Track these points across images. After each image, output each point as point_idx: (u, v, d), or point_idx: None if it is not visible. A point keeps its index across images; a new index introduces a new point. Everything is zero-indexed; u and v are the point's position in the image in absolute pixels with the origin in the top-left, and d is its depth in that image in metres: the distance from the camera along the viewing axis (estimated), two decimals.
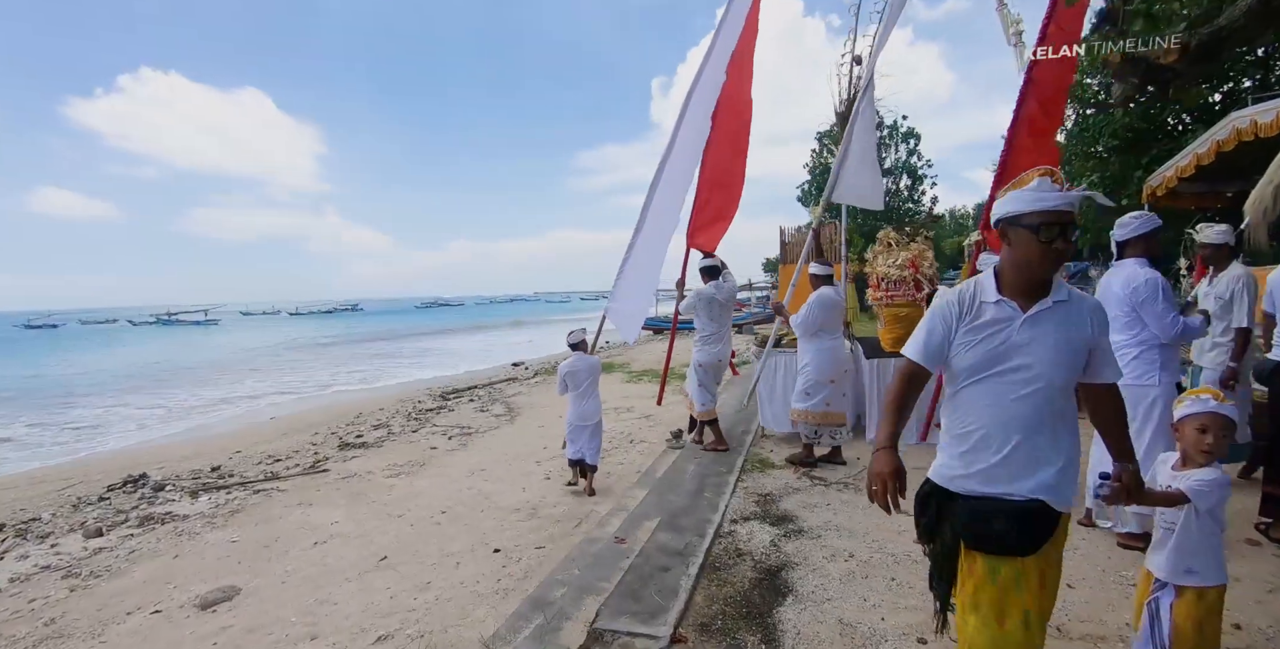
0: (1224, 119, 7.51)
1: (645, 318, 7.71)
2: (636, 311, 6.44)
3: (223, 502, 6.54)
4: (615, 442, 7.57)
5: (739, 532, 3.69)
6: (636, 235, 6.06)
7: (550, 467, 6.67)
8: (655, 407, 9.56)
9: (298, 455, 8.67)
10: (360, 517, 5.57)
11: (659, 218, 6.05)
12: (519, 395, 12.71)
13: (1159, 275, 3.30)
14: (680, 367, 14.74)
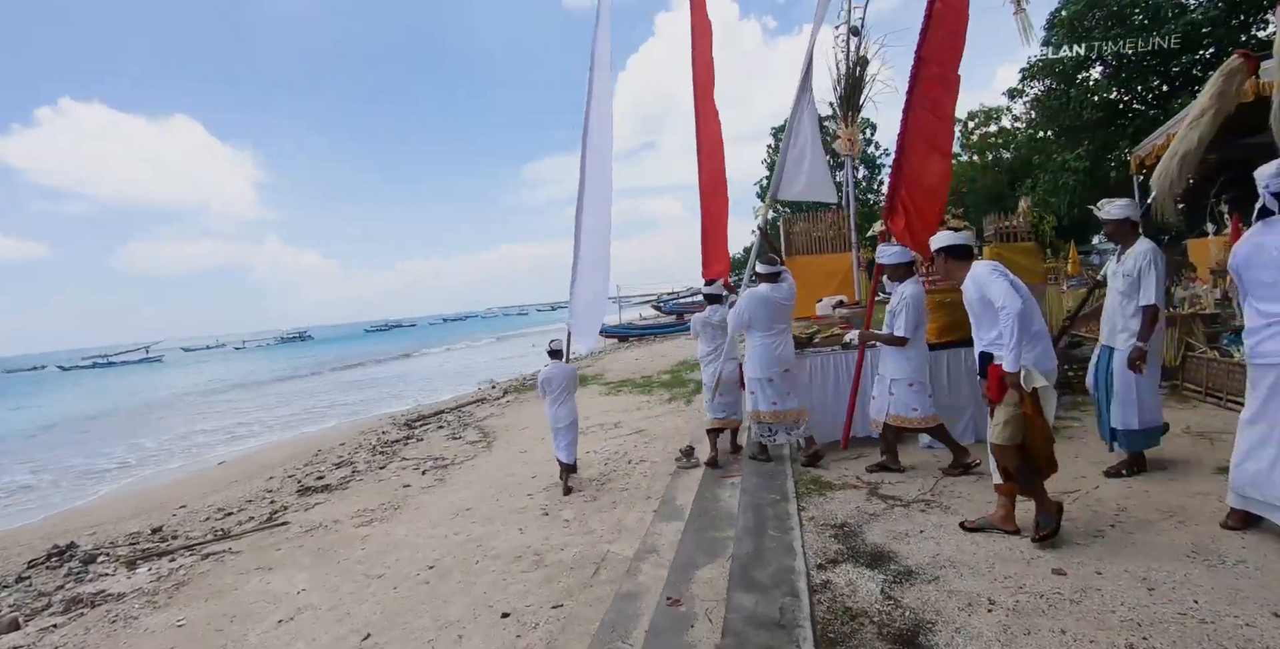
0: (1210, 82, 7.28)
1: (600, 327, 8.26)
2: (591, 322, 6.84)
3: (165, 572, 5.61)
4: (611, 463, 6.85)
5: (836, 582, 2.97)
6: (577, 247, 6.45)
7: (545, 499, 5.92)
8: (645, 421, 8.88)
9: (252, 506, 7.71)
10: (331, 580, 4.74)
11: (593, 230, 6.48)
12: (492, 418, 11.86)
13: None
14: (660, 374, 14.17)
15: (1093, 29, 12.19)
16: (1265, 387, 2.99)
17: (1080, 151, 12.98)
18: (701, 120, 6.91)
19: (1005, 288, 3.15)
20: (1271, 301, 2.95)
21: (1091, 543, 3.17)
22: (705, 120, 6.92)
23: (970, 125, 31.20)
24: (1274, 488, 2.94)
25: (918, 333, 4.56)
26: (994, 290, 3.17)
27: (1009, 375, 3.11)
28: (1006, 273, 3.28)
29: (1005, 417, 3.14)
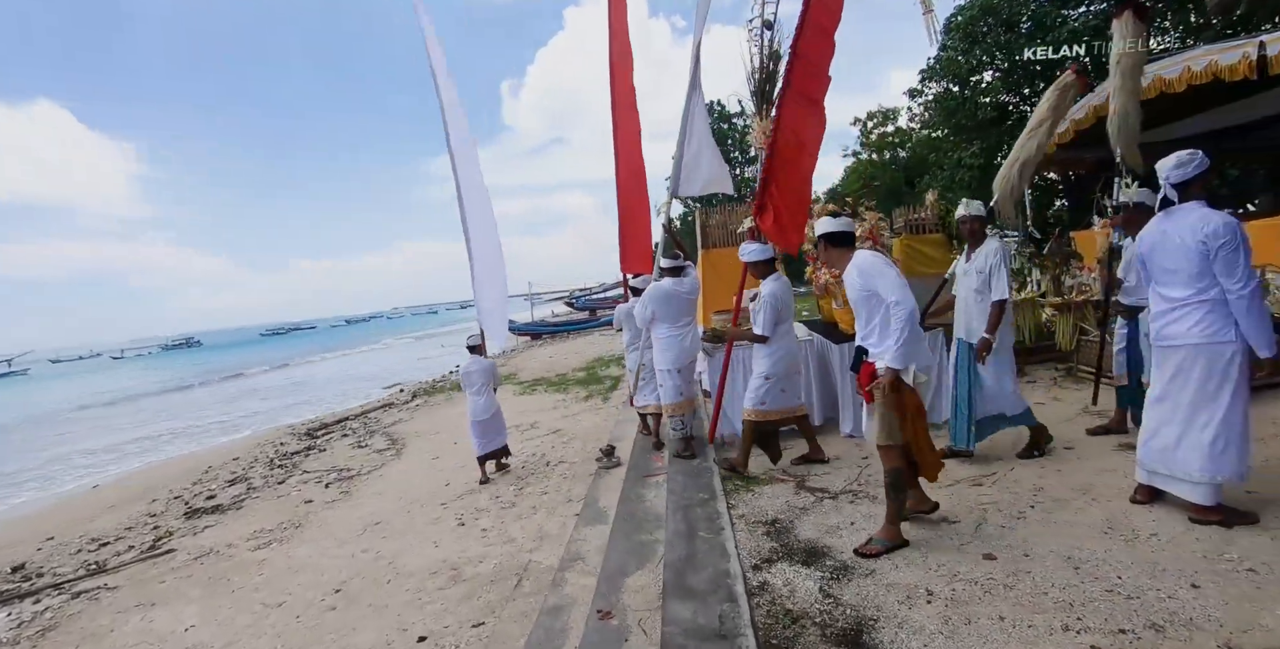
0: (1101, 85, 7.77)
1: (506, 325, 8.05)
2: (498, 321, 6.90)
3: (29, 617, 4.96)
4: (529, 466, 6.59)
5: (773, 583, 2.85)
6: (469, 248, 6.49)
7: (461, 508, 5.61)
8: (563, 420, 8.65)
9: (132, 534, 6.98)
10: (225, 613, 4.29)
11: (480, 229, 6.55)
12: (400, 423, 11.31)
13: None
14: (575, 372, 13.92)
15: (986, 34, 12.87)
16: (1171, 367, 3.10)
17: (975, 149, 13.73)
18: (619, 115, 6.85)
19: (896, 280, 3.00)
20: (1174, 287, 3.06)
21: (1015, 525, 3.21)
22: (623, 115, 6.86)
23: (869, 125, 32.49)
24: (1178, 463, 3.05)
25: (778, 330, 4.57)
26: (884, 283, 3.01)
27: (891, 373, 2.98)
28: (893, 264, 3.16)
29: (881, 416, 3.06)
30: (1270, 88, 7.23)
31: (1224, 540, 2.87)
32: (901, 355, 2.94)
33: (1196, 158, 3.03)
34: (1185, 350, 3.02)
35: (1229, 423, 2.95)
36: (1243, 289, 2.83)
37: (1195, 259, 2.93)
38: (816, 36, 4.61)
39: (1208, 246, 2.87)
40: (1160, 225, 3.12)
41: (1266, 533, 2.90)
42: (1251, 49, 6.13)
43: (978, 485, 3.80)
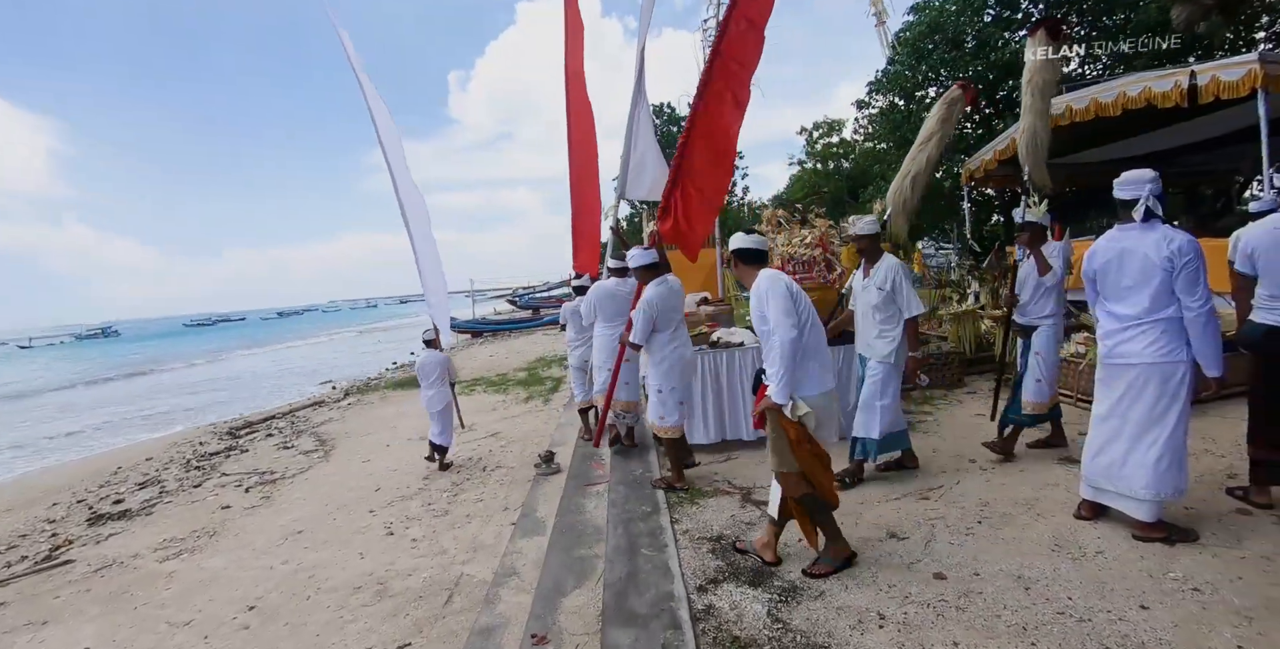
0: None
1: (448, 322, 7.83)
2: (441, 314, 6.92)
3: None
4: (464, 470, 6.32)
5: (719, 606, 2.70)
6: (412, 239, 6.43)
7: (391, 515, 5.31)
8: (501, 423, 8.39)
9: (26, 542, 6.40)
10: (124, 633, 3.92)
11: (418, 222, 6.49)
12: (330, 423, 10.79)
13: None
14: (516, 372, 13.61)
15: (932, 51, 13.18)
16: (1123, 385, 3.09)
17: None
18: (573, 113, 6.74)
19: (782, 306, 2.83)
20: (1129, 304, 3.05)
21: (964, 541, 3.16)
22: (577, 113, 6.76)
23: (815, 135, 33.03)
24: (1125, 480, 3.05)
25: (659, 338, 4.46)
26: (770, 308, 2.86)
27: (771, 404, 2.83)
28: (790, 287, 2.95)
29: (773, 441, 2.93)
30: (1198, 115, 7.52)
31: (1167, 558, 2.88)
32: (781, 389, 2.79)
33: (1152, 174, 3.04)
34: (1139, 369, 3.02)
35: (1174, 441, 2.97)
36: (1202, 307, 2.85)
37: (1159, 276, 2.92)
38: (743, 32, 4.46)
39: (1173, 264, 2.87)
40: (1117, 243, 3.09)
41: (1207, 550, 2.92)
42: (1183, 78, 6.37)
43: (925, 499, 3.76)
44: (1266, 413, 3.34)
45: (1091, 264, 3.21)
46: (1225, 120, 7.78)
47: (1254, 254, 3.27)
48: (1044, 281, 4.24)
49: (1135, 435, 3.04)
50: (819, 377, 2.98)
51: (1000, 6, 13.15)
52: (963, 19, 13.10)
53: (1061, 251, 4.28)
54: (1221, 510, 3.35)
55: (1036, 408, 4.30)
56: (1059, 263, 4.22)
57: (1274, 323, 3.26)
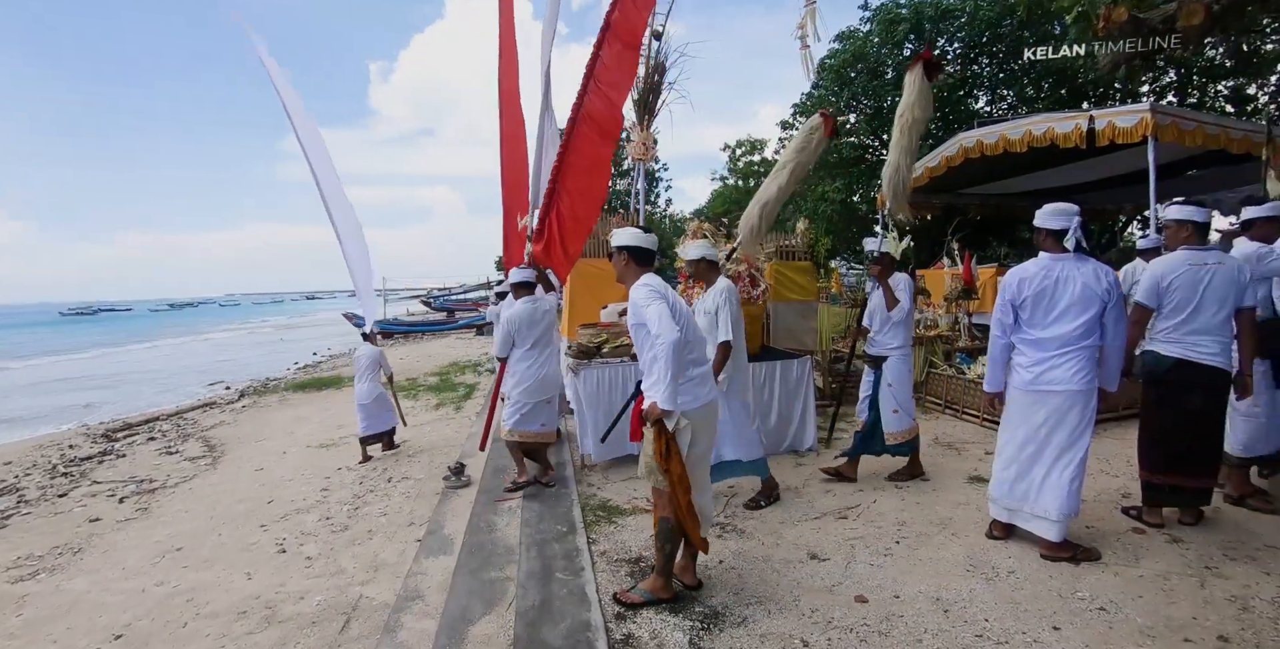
0: (952, 138, 8.42)
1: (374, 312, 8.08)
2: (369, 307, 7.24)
3: None
4: (367, 482, 5.96)
5: (639, 636, 2.54)
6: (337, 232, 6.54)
7: (284, 530, 4.92)
8: (409, 431, 7.99)
9: None
10: None
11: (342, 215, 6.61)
12: (222, 426, 10.06)
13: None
14: (426, 377, 13.10)
15: (854, 79, 13.70)
16: (1046, 411, 3.16)
17: (838, 185, 14.54)
18: (505, 112, 6.61)
19: (661, 311, 2.66)
20: (1060, 332, 3.12)
21: (884, 563, 3.16)
22: (509, 113, 6.63)
23: (737, 152, 33.82)
24: (1041, 503, 3.13)
25: (518, 353, 4.69)
26: (648, 314, 2.68)
27: (652, 411, 2.63)
28: (666, 293, 2.82)
29: (646, 457, 2.78)
30: (1093, 157, 8.05)
31: (1074, 577, 2.96)
32: (667, 395, 2.59)
33: (1076, 209, 3.16)
34: (1065, 396, 3.11)
35: (1083, 463, 3.10)
36: (1124, 336, 3.08)
37: (1097, 306, 3.04)
38: (618, 54, 4.56)
39: (1110, 296, 3.02)
40: (1051, 272, 3.14)
41: (1109, 569, 3.03)
42: (1084, 121, 6.78)
43: (843, 518, 3.77)
44: (1158, 440, 3.51)
45: (1022, 291, 3.21)
46: (1116, 162, 8.36)
47: (1169, 287, 3.40)
48: (891, 316, 4.30)
49: (1053, 459, 3.14)
50: (696, 390, 2.84)
51: (918, 43, 13.83)
52: (884, 50, 13.70)
53: (908, 286, 4.33)
54: (1119, 529, 3.51)
55: (900, 437, 4.35)
56: (905, 297, 4.27)
57: (1180, 355, 3.40)
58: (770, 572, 3.09)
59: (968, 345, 7.45)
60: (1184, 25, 2.54)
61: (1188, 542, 3.33)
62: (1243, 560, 3.12)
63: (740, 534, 3.59)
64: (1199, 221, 3.49)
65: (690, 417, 2.75)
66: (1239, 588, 2.86)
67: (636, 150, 6.93)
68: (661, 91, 6.98)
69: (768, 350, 5.52)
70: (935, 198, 11.11)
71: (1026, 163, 8.90)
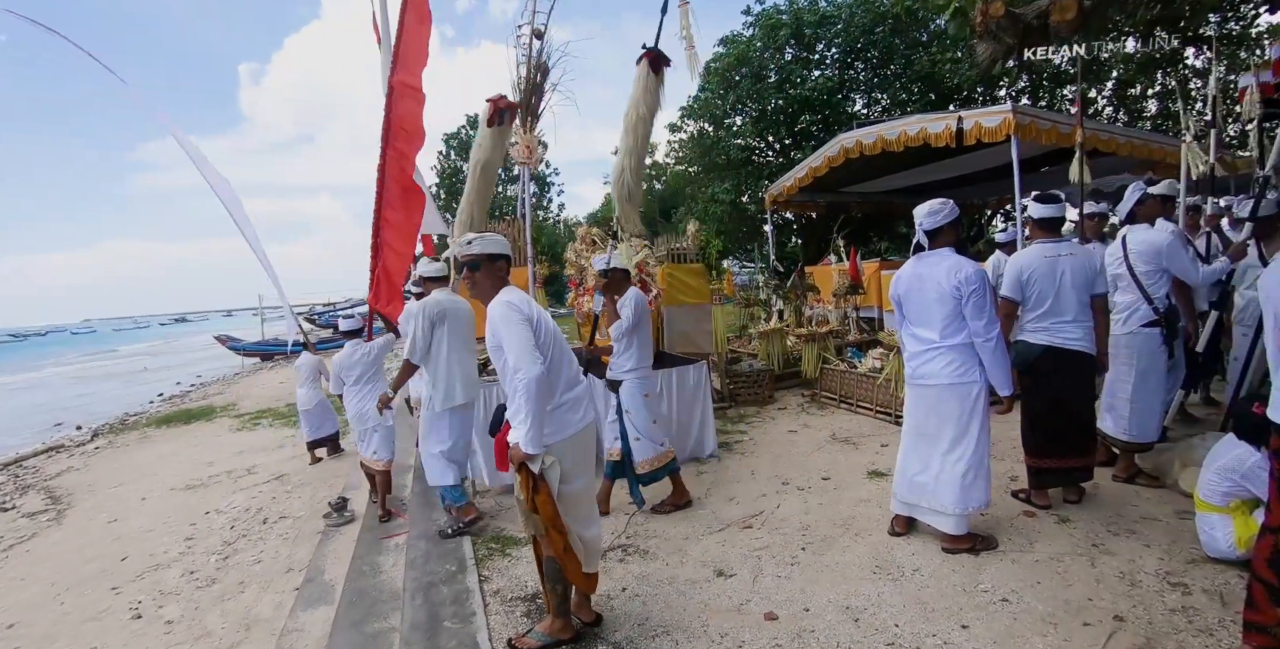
0: (834, 139, 8.67)
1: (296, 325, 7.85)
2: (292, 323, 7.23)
3: None
4: (240, 525, 5.41)
5: None
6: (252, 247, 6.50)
7: (140, 591, 4.35)
8: (289, 462, 7.40)
9: None
10: None
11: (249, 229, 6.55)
12: (69, 473, 8.94)
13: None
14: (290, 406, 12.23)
15: (739, 82, 13.96)
16: (925, 405, 3.21)
17: (727, 186, 14.77)
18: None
19: (521, 340, 2.37)
20: (927, 328, 3.18)
21: (790, 573, 3.08)
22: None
23: None
24: (937, 497, 3.14)
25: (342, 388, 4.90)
26: (507, 340, 2.39)
27: (515, 454, 2.39)
28: (530, 309, 2.50)
29: (518, 502, 2.54)
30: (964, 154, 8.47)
31: (975, 568, 2.98)
32: (531, 437, 2.33)
33: (947, 207, 3.18)
34: (939, 389, 3.14)
35: (977, 457, 3.11)
36: (990, 332, 3.02)
37: (949, 303, 3.05)
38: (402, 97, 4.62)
39: (961, 292, 3.01)
40: (916, 269, 3.23)
41: (1007, 557, 3.08)
42: (953, 121, 7.11)
43: (748, 527, 3.67)
44: (1036, 425, 3.63)
45: (897, 289, 3.34)
46: (983, 159, 8.84)
47: (1029, 280, 3.54)
48: (610, 332, 4.03)
49: (943, 452, 3.15)
50: (566, 416, 2.53)
51: (799, 48, 14.27)
52: (766, 55, 14.04)
53: (636, 303, 4.00)
54: (1011, 513, 3.60)
55: (650, 465, 3.99)
56: (629, 313, 3.94)
57: (1047, 342, 3.54)
58: (676, 595, 2.93)
59: (857, 339, 7.66)
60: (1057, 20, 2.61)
61: (1074, 521, 3.44)
62: (1124, 535, 3.25)
63: (643, 555, 3.41)
64: (1055, 217, 3.63)
65: (560, 450, 2.46)
66: (1125, 563, 2.96)
67: (521, 154, 6.66)
68: (545, 93, 6.75)
69: (664, 356, 5.40)
70: (819, 197, 11.47)
71: (901, 161, 9.29)
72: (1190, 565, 2.92)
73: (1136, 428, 3.88)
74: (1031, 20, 2.76)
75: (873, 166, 9.44)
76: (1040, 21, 2.75)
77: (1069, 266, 3.48)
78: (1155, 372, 3.85)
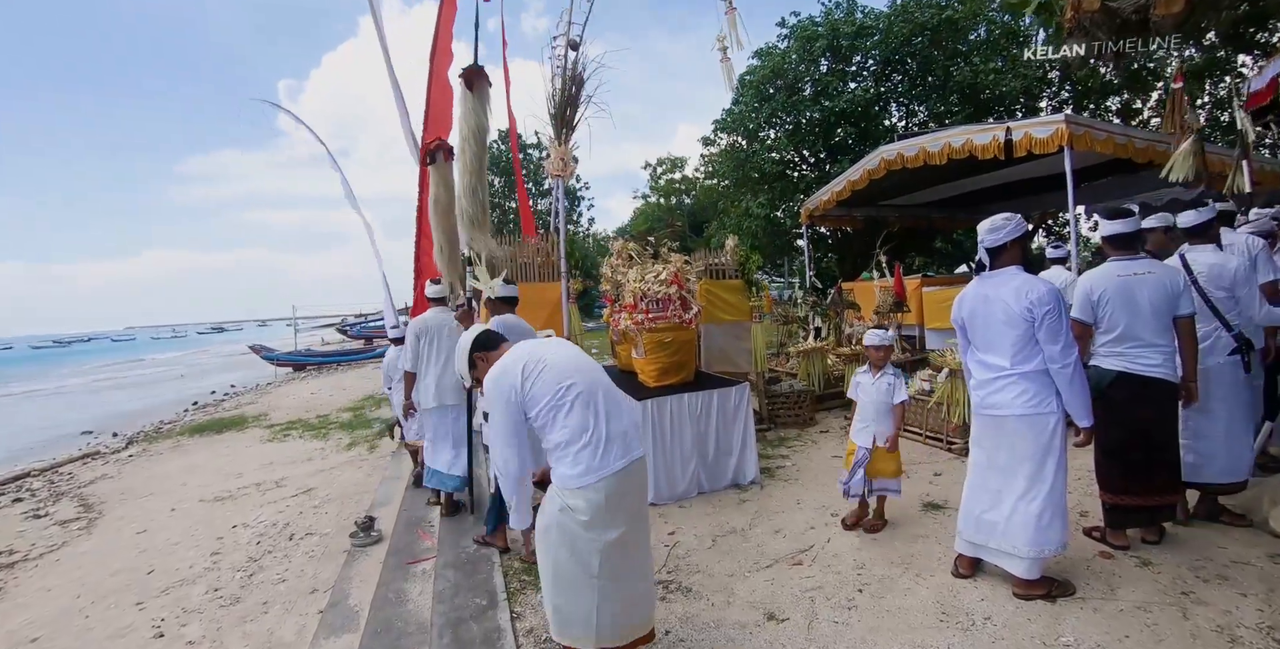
0: (874, 152, 8.45)
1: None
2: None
3: None
4: (266, 540, 5.29)
5: None
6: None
7: (163, 607, 4.24)
8: (316, 476, 7.30)
9: None
10: None
11: None
12: (103, 481, 8.97)
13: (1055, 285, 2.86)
14: (339, 412, 12.24)
15: (773, 95, 13.79)
16: (997, 437, 2.96)
17: (761, 200, 14.56)
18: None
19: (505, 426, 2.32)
20: (996, 354, 2.93)
21: (849, 619, 2.84)
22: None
23: (658, 170, 34.02)
24: (1010, 537, 2.88)
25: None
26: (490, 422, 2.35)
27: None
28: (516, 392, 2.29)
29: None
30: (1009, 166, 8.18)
31: (1053, 618, 2.72)
32: (520, 516, 2.46)
33: (1011, 222, 2.93)
34: (1011, 421, 2.89)
35: (1054, 495, 2.85)
36: (1067, 358, 2.76)
37: (1020, 326, 2.81)
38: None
39: (1033, 314, 2.76)
40: (980, 290, 2.99)
41: (1088, 604, 2.81)
42: (1000, 133, 6.85)
43: (798, 564, 3.43)
44: (1113, 458, 3.34)
45: (960, 311, 3.10)
46: (1029, 170, 8.54)
47: (1100, 300, 3.28)
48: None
49: (1018, 491, 2.89)
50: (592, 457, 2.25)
51: (835, 59, 14.06)
52: (801, 67, 13.84)
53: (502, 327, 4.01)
54: (1086, 555, 3.31)
55: None
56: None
57: (1122, 368, 3.27)
58: (725, 641, 2.70)
59: (901, 358, 7.37)
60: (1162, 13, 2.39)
61: (1157, 564, 3.16)
62: (1215, 581, 2.97)
63: (686, 593, 3.19)
64: (1127, 233, 3.33)
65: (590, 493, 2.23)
66: (1220, 615, 2.68)
67: (555, 166, 6.54)
68: (579, 105, 6.63)
69: (703, 377, 5.19)
70: (856, 211, 11.22)
71: (941, 174, 9.03)
72: None
73: (1228, 466, 3.52)
74: (1130, 14, 2.54)
75: (912, 180, 9.19)
76: (1139, 16, 2.53)
77: (1148, 286, 3.21)
78: (1243, 403, 3.54)
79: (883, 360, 3.84)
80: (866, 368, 3.90)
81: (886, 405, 3.72)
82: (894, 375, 3.78)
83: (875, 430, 3.72)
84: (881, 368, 3.81)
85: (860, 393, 3.86)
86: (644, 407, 4.47)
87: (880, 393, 3.73)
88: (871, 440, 3.71)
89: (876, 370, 3.82)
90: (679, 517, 4.25)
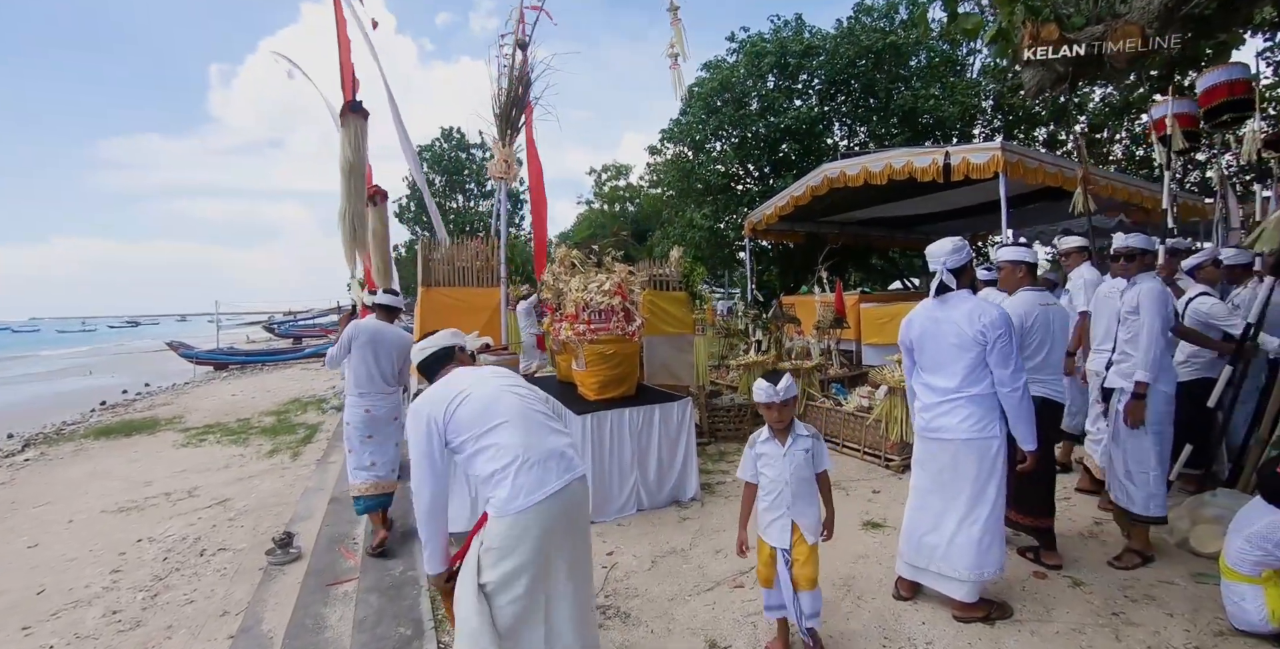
0: (817, 169, 8.60)
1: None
2: None
3: None
4: (174, 557, 4.93)
5: None
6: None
7: (54, 632, 3.88)
8: (234, 485, 6.89)
9: None
10: None
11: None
12: None
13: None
14: (261, 416, 11.63)
15: (722, 108, 13.93)
16: (941, 461, 2.96)
17: (705, 211, 14.67)
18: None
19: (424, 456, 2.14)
20: (943, 377, 2.94)
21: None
22: None
23: (603, 177, 33.97)
24: (950, 560, 2.88)
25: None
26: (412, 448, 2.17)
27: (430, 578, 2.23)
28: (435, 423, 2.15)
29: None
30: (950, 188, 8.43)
31: (993, 642, 2.73)
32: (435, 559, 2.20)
33: (967, 245, 2.99)
34: (955, 445, 2.89)
35: (994, 518, 2.87)
36: (1016, 382, 2.78)
37: (972, 349, 2.82)
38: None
39: (986, 337, 2.78)
40: (932, 312, 2.99)
41: (1025, 626, 2.84)
42: (940, 156, 7.05)
43: (739, 587, 3.37)
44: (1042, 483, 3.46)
45: (909, 333, 3.10)
46: (967, 194, 8.83)
47: (1030, 328, 3.44)
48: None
49: (959, 513, 2.89)
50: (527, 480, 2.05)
51: (782, 77, 14.32)
52: (749, 82, 14.05)
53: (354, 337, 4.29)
54: (1020, 575, 3.36)
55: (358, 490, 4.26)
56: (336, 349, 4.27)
57: (1044, 395, 3.41)
58: None
59: (838, 374, 7.46)
60: (1115, 49, 2.44)
61: (1089, 584, 3.23)
62: (1143, 601, 3.05)
63: (625, 619, 3.07)
64: (1029, 262, 3.60)
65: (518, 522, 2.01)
66: (1150, 636, 2.75)
67: (497, 168, 6.36)
68: (526, 105, 6.49)
69: (645, 390, 5.10)
70: (798, 226, 11.39)
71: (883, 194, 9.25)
72: (1219, 639, 2.71)
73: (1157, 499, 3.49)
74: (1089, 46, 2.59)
75: (854, 198, 9.38)
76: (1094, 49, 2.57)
77: (1055, 316, 3.49)
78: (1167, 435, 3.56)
79: (785, 420, 2.71)
80: (766, 434, 2.77)
81: (809, 479, 2.69)
82: (812, 437, 2.74)
83: (797, 519, 2.65)
84: (788, 430, 2.71)
85: (765, 469, 2.74)
86: (583, 421, 4.34)
87: (796, 465, 2.65)
88: (790, 535, 2.64)
89: (783, 436, 2.72)
90: (618, 535, 4.14)
